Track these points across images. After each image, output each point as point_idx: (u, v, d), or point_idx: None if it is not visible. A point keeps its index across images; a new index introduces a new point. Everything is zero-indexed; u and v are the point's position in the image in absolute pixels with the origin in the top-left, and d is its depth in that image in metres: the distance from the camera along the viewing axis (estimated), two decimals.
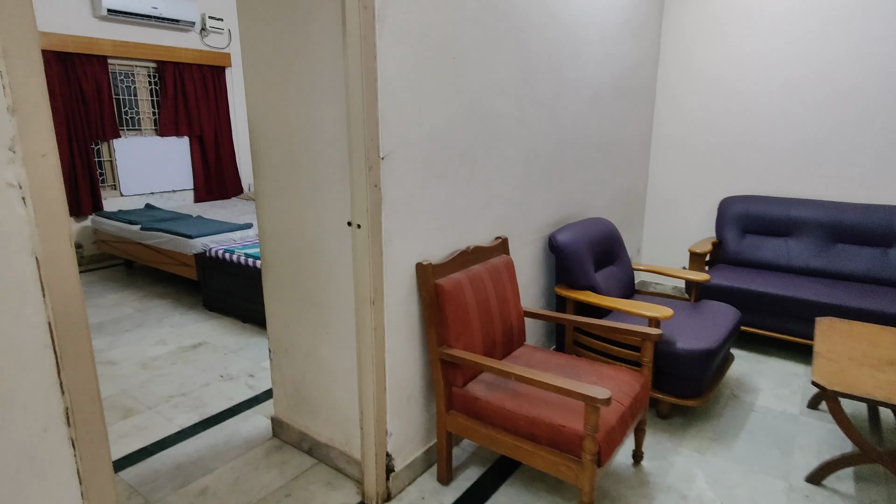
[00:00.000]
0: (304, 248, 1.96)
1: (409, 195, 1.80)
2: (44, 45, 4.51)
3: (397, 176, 1.73)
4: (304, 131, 1.82)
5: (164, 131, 5.52)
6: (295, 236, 1.98)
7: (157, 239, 4.13)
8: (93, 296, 4.22)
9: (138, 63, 5.30)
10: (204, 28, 5.68)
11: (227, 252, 3.66)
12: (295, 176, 1.90)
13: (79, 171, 4.86)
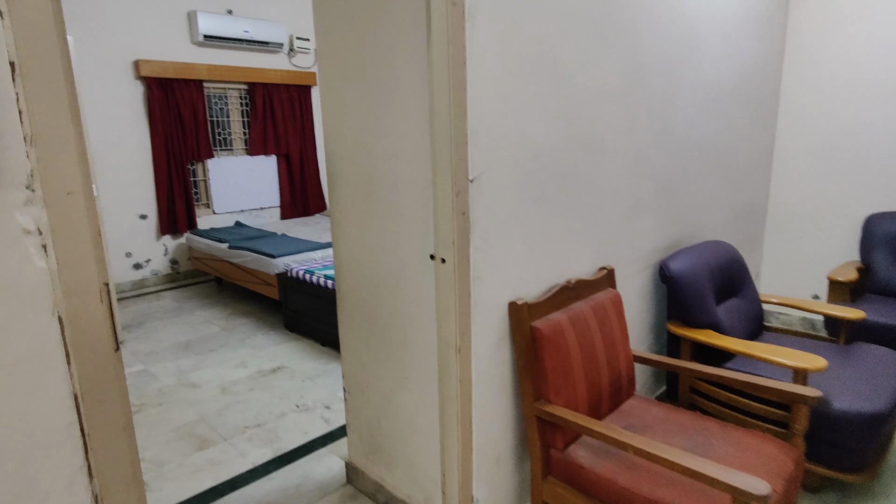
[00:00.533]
0: (381, 281, 1.74)
1: (500, 223, 1.53)
2: (147, 71, 4.75)
3: (488, 201, 1.47)
4: (382, 150, 1.61)
5: (254, 150, 5.66)
6: (372, 267, 1.77)
7: (243, 258, 4.16)
8: (184, 312, 4.32)
9: (230, 85, 5.49)
10: (291, 49, 5.79)
11: (308, 273, 3.58)
12: (372, 200, 1.70)
13: (176, 190, 5.07)
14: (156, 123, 4.90)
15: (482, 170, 1.44)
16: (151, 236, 5.10)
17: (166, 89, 4.94)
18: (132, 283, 5.02)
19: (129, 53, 4.76)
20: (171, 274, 5.28)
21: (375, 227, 1.72)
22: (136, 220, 4.98)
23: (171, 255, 5.25)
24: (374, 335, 1.82)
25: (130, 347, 3.61)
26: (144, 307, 4.49)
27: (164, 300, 4.69)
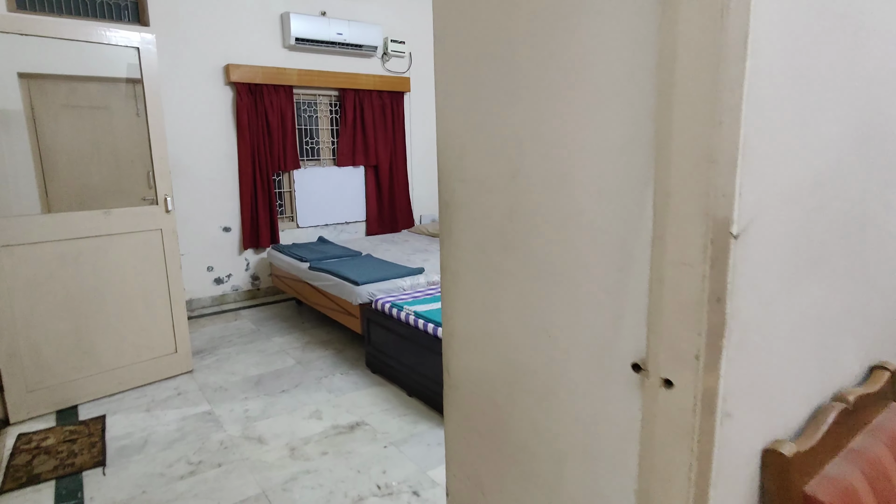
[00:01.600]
0: (524, 381, 1.10)
1: (764, 307, 0.84)
2: (237, 77, 4.49)
3: (753, 270, 0.79)
4: (539, 171, 0.97)
5: (342, 161, 5.28)
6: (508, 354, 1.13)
7: (324, 281, 3.71)
8: (260, 338, 3.94)
9: (321, 91, 5.14)
10: (385, 52, 5.37)
11: (394, 307, 3.03)
12: (514, 251, 1.06)
13: (260, 202, 4.77)
14: (243, 131, 4.63)
15: (753, 214, 0.75)
16: (234, 250, 4.83)
17: (255, 95, 4.66)
18: (212, 298, 4.77)
19: (219, 58, 4.52)
20: (252, 291, 4.98)
21: (518, 296, 1.07)
22: (219, 233, 4.73)
23: (252, 271, 4.96)
24: (506, 458, 1.18)
25: (200, 379, 3.24)
26: (221, 328, 4.16)
27: (242, 320, 4.36)
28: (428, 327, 2.75)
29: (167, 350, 3.24)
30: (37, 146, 3.93)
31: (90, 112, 4.19)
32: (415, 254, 4.47)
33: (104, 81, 4.14)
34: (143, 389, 3.12)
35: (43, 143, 3.96)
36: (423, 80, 5.74)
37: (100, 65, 4.02)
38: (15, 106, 3.80)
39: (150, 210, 3.08)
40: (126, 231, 3.00)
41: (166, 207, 3.12)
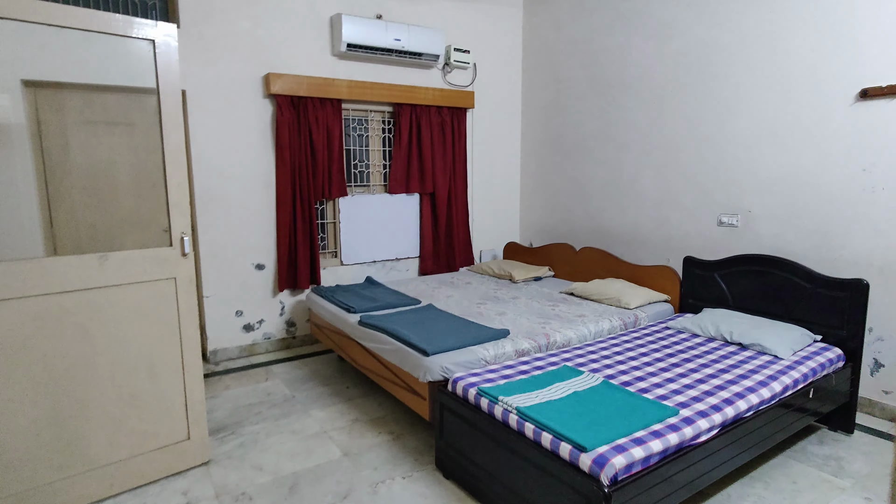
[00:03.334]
0: None
1: None
2: (278, 88, 3.79)
3: None
4: None
5: (395, 187, 4.51)
6: None
7: (379, 343, 2.89)
8: (296, 410, 3.13)
9: (373, 107, 4.42)
10: (447, 63, 4.63)
11: (484, 396, 2.18)
12: None
13: (299, 236, 4.02)
14: (283, 151, 3.91)
15: None
16: (268, 291, 4.08)
17: (298, 110, 3.95)
18: (240, 349, 4.01)
19: (258, 66, 3.84)
20: (286, 339, 4.20)
21: None
22: (251, 271, 3.99)
23: (287, 316, 4.19)
24: None
25: (217, 477, 2.43)
26: (249, 392, 3.38)
27: (274, 380, 3.57)
28: (542, 438, 1.88)
29: (177, 436, 2.46)
30: (42, 169, 3.27)
31: (107, 128, 3.53)
32: (484, 302, 3.62)
33: (127, 92, 3.49)
34: (142, 492, 2.33)
35: (49, 164, 3.30)
36: (489, 95, 4.97)
37: (122, 72, 3.37)
38: (17, 119, 3.15)
39: (160, 254, 2.33)
40: (128, 281, 2.26)
41: (183, 250, 2.37)
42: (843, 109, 2.98)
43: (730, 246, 3.56)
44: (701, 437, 1.97)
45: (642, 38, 3.99)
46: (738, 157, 3.49)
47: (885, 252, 2.87)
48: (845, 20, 2.93)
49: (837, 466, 2.50)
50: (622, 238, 4.30)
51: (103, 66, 3.12)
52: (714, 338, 2.93)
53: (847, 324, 2.78)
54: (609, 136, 4.33)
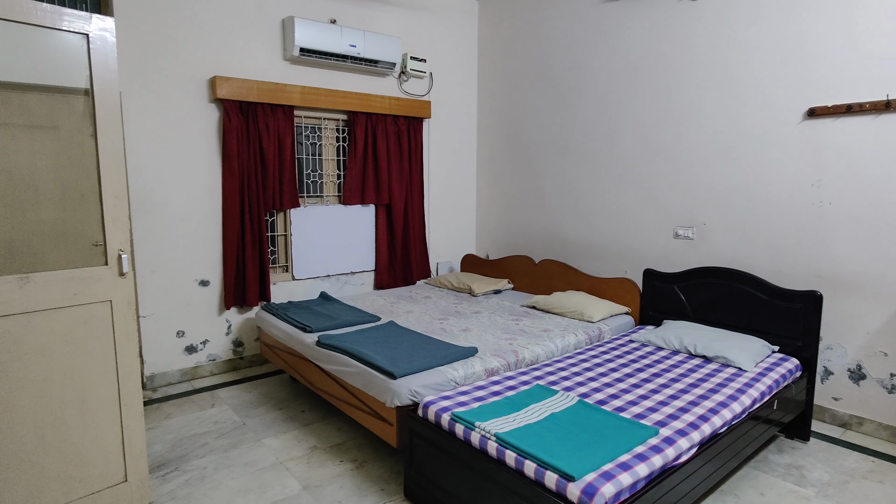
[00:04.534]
0: None
1: None
2: (226, 92, 3.55)
3: None
4: None
5: (349, 198, 4.34)
6: None
7: (340, 366, 2.71)
8: (247, 439, 2.88)
9: (327, 114, 4.23)
10: (404, 71, 4.52)
11: (459, 422, 2.06)
12: None
13: (248, 249, 3.76)
14: (230, 160, 3.66)
15: None
16: (213, 309, 3.79)
17: (247, 116, 3.71)
18: (182, 372, 3.69)
19: (204, 68, 3.58)
20: (234, 360, 3.92)
21: None
22: (194, 288, 3.69)
23: (234, 335, 3.91)
24: None
25: None
26: (193, 421, 3.09)
27: (222, 406, 3.29)
28: (525, 466, 1.78)
29: (112, 479, 2.18)
30: None
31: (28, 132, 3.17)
32: (446, 318, 3.51)
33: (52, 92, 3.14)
34: None
35: None
36: (446, 105, 4.90)
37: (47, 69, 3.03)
38: None
39: (94, 273, 2.07)
40: (55, 306, 1.98)
41: (120, 269, 2.11)
42: (792, 127, 3.10)
43: (686, 258, 3.63)
44: (682, 457, 1.93)
45: (597, 51, 4.04)
46: (692, 171, 3.57)
47: (832, 265, 3.00)
48: (793, 40, 3.05)
49: (799, 475, 2.55)
50: (581, 250, 4.31)
51: (25, 63, 2.80)
52: (678, 350, 2.95)
53: (803, 334, 2.86)
54: (566, 148, 4.34)
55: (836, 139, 2.94)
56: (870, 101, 2.80)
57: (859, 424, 2.98)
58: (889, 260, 2.81)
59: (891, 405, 2.87)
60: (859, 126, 2.86)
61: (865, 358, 2.93)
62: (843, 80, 2.89)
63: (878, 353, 2.89)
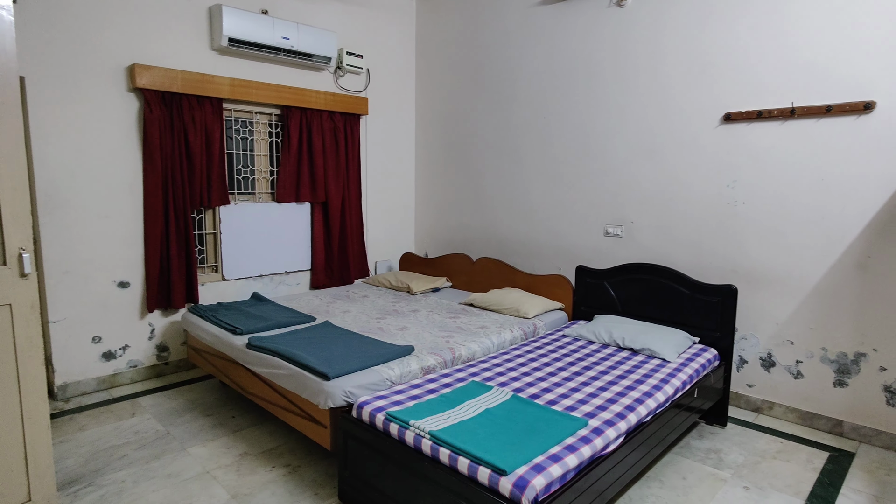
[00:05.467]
0: None
1: None
2: (147, 82, 3.34)
3: None
4: None
5: (283, 196, 4.20)
6: None
7: (271, 368, 2.62)
8: (171, 448, 2.73)
9: (259, 108, 4.08)
10: (340, 66, 4.43)
11: (394, 421, 2.03)
12: None
13: (173, 248, 3.56)
14: (152, 153, 3.45)
15: None
16: (133, 312, 3.56)
17: (171, 108, 3.51)
18: (98, 381, 3.44)
19: (122, 55, 3.35)
20: (157, 366, 3.70)
21: None
22: (112, 290, 3.45)
23: (158, 340, 3.69)
24: None
25: None
26: (110, 432, 2.89)
27: (143, 416, 3.10)
28: (459, 463, 1.78)
29: (15, 499, 2.00)
30: None
31: None
32: (384, 317, 3.48)
33: None
34: None
35: None
36: (383, 102, 4.85)
37: None
38: None
39: None
40: None
41: (21, 269, 1.94)
42: (710, 130, 3.29)
43: (616, 255, 3.77)
44: (610, 446, 2.00)
45: (533, 52, 4.12)
46: (621, 172, 3.71)
47: (746, 260, 3.21)
48: (710, 49, 3.24)
49: (718, 459, 2.71)
50: (518, 248, 4.39)
51: None
52: (608, 344, 3.06)
53: (720, 326, 3.05)
54: (503, 148, 4.41)
55: (749, 143, 3.15)
56: (777, 108, 3.02)
57: (770, 409, 3.21)
58: (795, 256, 3.04)
59: (796, 390, 3.11)
60: (768, 131, 3.08)
61: (775, 347, 3.16)
62: (755, 87, 3.10)
63: (786, 341, 3.12)
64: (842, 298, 2.91)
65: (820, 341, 3.00)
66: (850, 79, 2.80)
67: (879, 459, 2.72)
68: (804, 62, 2.92)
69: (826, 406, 3.01)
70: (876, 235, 2.79)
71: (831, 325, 2.96)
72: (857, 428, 2.91)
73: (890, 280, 2.77)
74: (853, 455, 2.76)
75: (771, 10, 3.00)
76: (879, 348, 2.82)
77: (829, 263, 2.94)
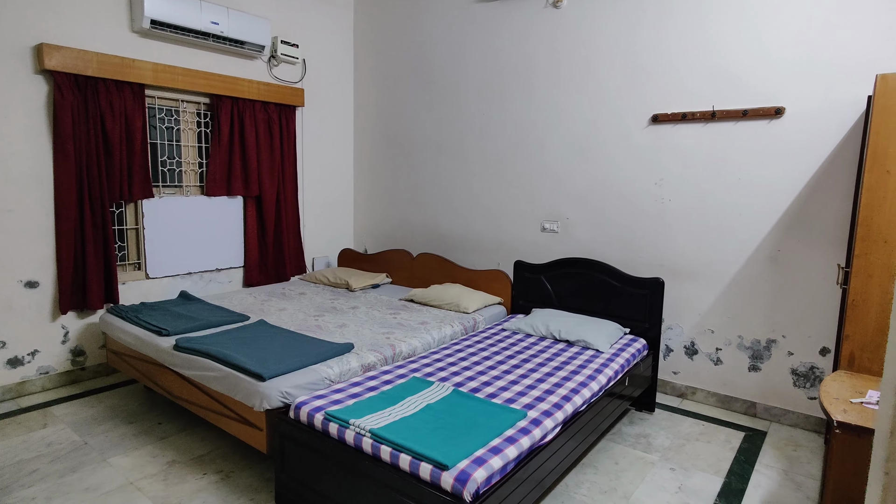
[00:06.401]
0: None
1: None
2: (57, 63, 3.07)
3: None
4: None
5: (213, 189, 4.00)
6: None
7: (201, 370, 2.49)
8: (87, 460, 2.53)
9: (186, 97, 3.86)
10: (274, 55, 4.27)
11: (333, 421, 1.99)
12: None
13: (89, 245, 3.31)
14: (64, 142, 3.18)
15: None
16: (44, 314, 3.28)
17: (86, 93, 3.25)
18: (3, 389, 3.15)
19: (27, 33, 3.06)
20: (73, 371, 3.43)
21: None
22: (18, 291, 3.16)
23: (73, 344, 3.42)
24: None
25: None
26: (16, 446, 2.65)
27: (57, 426, 2.87)
28: (400, 460, 1.77)
29: None
30: None
31: None
32: (322, 314, 3.40)
33: None
34: None
35: None
36: (320, 94, 4.72)
37: None
38: None
39: None
40: None
41: None
42: (640, 130, 3.44)
43: (552, 250, 3.88)
44: (548, 436, 2.05)
45: (472, 49, 4.15)
46: (556, 169, 3.82)
47: (672, 254, 3.39)
48: (639, 52, 3.39)
49: (647, 443, 2.85)
50: (457, 243, 4.42)
51: None
52: (545, 336, 3.14)
53: (648, 317, 3.20)
54: (443, 143, 4.41)
55: (674, 143, 3.32)
56: (700, 110, 3.20)
57: (693, 394, 3.42)
58: (715, 250, 3.24)
59: (716, 375, 3.32)
60: (692, 132, 3.26)
61: (697, 336, 3.36)
62: (681, 91, 3.27)
63: (707, 330, 3.33)
64: (756, 289, 3.14)
65: (737, 329, 3.22)
66: (762, 86, 3.01)
67: (787, 437, 2.96)
68: (724, 69, 3.11)
69: (742, 389, 3.25)
70: (784, 231, 3.03)
71: (747, 315, 3.18)
72: (768, 409, 3.16)
73: (796, 272, 3.01)
74: (765, 434, 2.99)
75: (694, 20, 3.18)
76: (788, 335, 3.07)
77: (745, 257, 3.16)
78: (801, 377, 3.05)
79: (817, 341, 2.98)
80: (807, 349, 3.02)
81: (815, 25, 2.84)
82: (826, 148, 2.87)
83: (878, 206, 2.11)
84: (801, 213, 2.97)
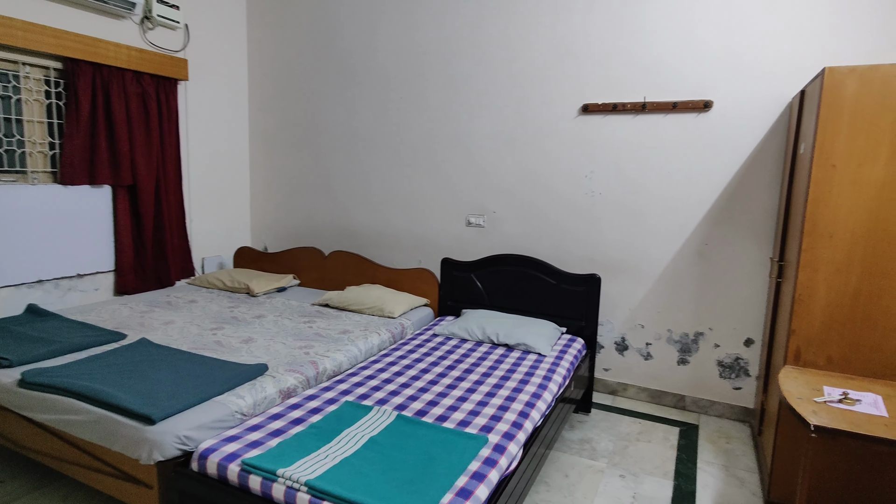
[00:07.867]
0: None
1: None
2: None
3: None
4: None
5: (71, 176, 3.23)
6: None
7: (61, 414, 1.89)
8: None
9: (28, 58, 3.05)
10: (149, 17, 3.55)
11: (253, 472, 1.55)
12: None
13: None
14: None
15: None
16: None
17: None
18: None
19: None
20: None
21: None
22: None
23: None
24: None
25: None
26: None
27: None
28: None
29: None
30: None
31: None
32: (221, 327, 2.86)
33: None
34: None
35: None
36: (208, 67, 4.05)
37: None
38: None
39: None
40: None
41: None
42: (569, 121, 3.30)
43: (478, 246, 3.64)
44: (513, 463, 1.79)
45: (388, 29, 3.76)
46: (481, 160, 3.58)
47: (603, 249, 3.30)
48: (567, 40, 3.23)
49: (591, 448, 2.72)
50: (374, 240, 4.02)
51: None
52: (482, 341, 2.89)
53: (585, 314, 3.08)
54: (356, 130, 3.98)
55: (604, 135, 3.22)
56: (631, 101, 3.12)
57: (624, 390, 3.37)
58: (645, 244, 3.20)
59: (646, 370, 3.30)
60: (623, 124, 3.18)
61: (628, 331, 3.32)
62: (611, 81, 3.17)
63: (638, 325, 3.29)
64: (684, 283, 3.14)
65: (666, 323, 3.21)
66: (691, 79, 2.99)
67: (717, 428, 3.00)
68: (654, 61, 3.05)
69: (671, 383, 3.25)
70: (711, 225, 3.05)
71: (676, 308, 3.18)
72: (696, 401, 3.19)
73: (722, 265, 3.05)
74: (697, 427, 3.00)
75: (626, 8, 3.08)
76: (714, 327, 3.10)
77: (674, 251, 3.14)
78: (726, 368, 3.11)
79: (742, 333, 3.04)
80: (732, 341, 3.07)
81: (741, 21, 2.85)
82: (752, 142, 2.92)
83: (824, 200, 2.10)
84: (728, 206, 3.00)
